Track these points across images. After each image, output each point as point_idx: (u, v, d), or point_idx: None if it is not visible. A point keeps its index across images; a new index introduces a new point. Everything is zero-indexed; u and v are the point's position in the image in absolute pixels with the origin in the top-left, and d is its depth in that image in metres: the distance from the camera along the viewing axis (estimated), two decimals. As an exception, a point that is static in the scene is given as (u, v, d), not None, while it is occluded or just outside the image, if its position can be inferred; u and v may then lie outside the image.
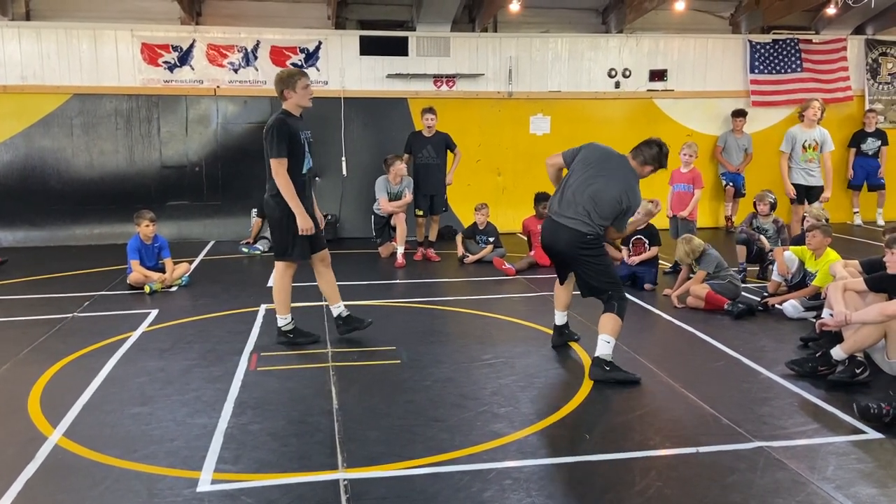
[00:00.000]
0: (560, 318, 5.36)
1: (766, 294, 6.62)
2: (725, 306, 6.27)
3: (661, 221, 7.78)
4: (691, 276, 6.80)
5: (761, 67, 11.47)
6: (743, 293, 6.66)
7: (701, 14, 11.70)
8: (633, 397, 4.38)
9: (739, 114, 11.16)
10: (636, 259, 7.37)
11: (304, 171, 5.21)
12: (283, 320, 5.37)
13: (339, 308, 5.50)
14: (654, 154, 4.98)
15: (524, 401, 4.28)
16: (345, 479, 3.31)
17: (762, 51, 11.46)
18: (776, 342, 5.46)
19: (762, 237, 7.56)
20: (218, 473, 3.37)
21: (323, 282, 5.52)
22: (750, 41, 11.46)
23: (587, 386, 4.52)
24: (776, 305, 6.30)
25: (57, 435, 3.76)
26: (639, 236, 7.50)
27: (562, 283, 5.29)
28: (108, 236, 9.87)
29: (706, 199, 11.36)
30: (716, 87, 11.50)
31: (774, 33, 11.60)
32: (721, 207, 11.64)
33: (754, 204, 7.79)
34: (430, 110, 8.70)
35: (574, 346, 5.37)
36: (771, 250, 7.49)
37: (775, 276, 6.70)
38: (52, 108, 9.83)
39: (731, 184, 11.23)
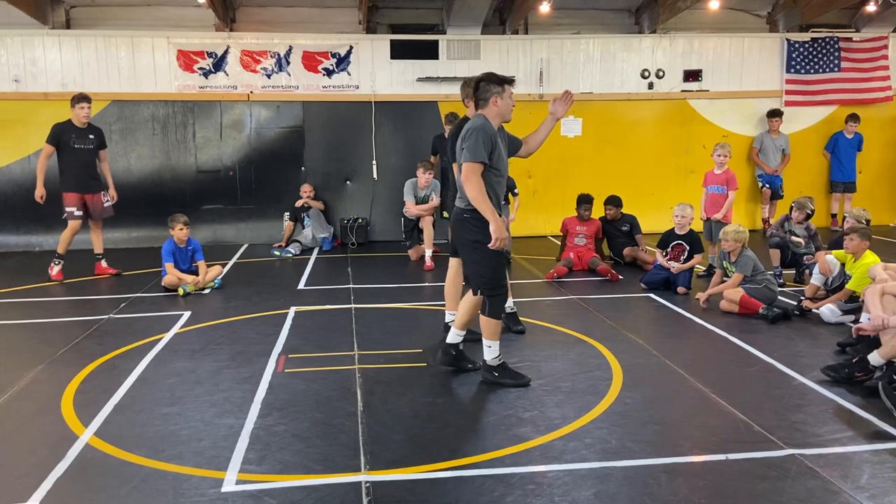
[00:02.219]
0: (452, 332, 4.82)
1: (802, 298, 6.45)
2: (760, 310, 6.14)
3: (694, 224, 7.65)
4: (725, 279, 6.68)
5: (798, 67, 11.22)
6: (779, 297, 6.52)
7: (737, 13, 11.50)
8: (662, 403, 4.30)
9: (775, 114, 10.94)
10: (677, 266, 7.23)
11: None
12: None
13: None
14: (472, 87, 4.54)
15: (549, 405, 4.23)
16: (367, 482, 3.31)
17: (801, 49, 11.21)
18: (812, 347, 5.33)
19: (794, 236, 7.38)
20: (242, 474, 3.40)
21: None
22: (788, 40, 11.23)
23: (615, 391, 4.46)
24: (813, 309, 6.14)
25: (88, 434, 3.83)
26: (679, 241, 7.37)
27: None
28: (146, 239, 10.06)
29: (742, 202, 11.18)
30: (752, 86, 11.30)
31: (813, 31, 11.34)
32: (757, 210, 11.42)
33: (791, 209, 7.61)
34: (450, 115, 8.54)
35: (602, 349, 5.29)
36: (805, 253, 7.32)
37: (814, 280, 6.54)
38: (91, 114, 10.03)
39: (767, 186, 11.01)
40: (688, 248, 7.33)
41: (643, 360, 5.06)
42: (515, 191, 8.76)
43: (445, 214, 8.65)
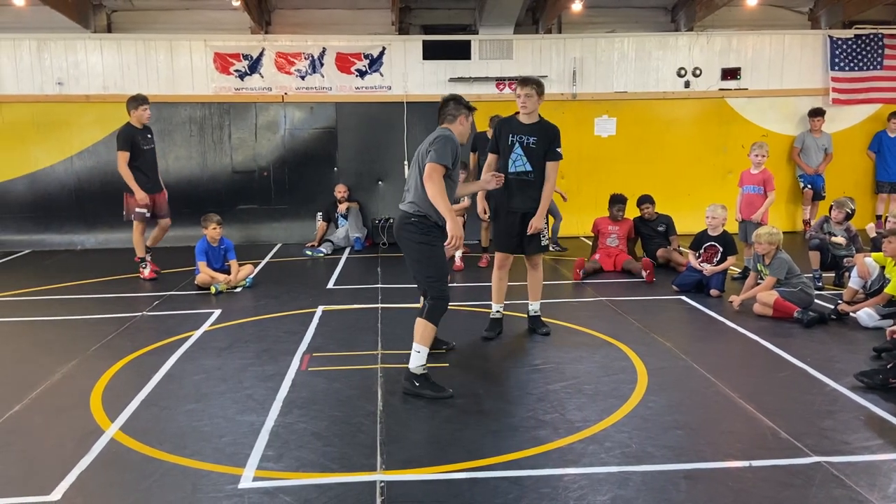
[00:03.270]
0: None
1: (839, 301, 6.27)
2: (795, 314, 5.98)
3: (730, 226, 7.49)
4: (760, 281, 6.52)
5: (842, 64, 10.91)
6: (816, 301, 6.35)
7: (777, 9, 11.24)
8: (686, 408, 4.22)
9: (817, 113, 10.65)
10: (710, 269, 7.08)
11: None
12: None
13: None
14: (450, 105, 4.78)
15: (571, 408, 4.18)
16: (381, 481, 3.32)
17: (844, 46, 10.90)
18: (847, 352, 5.16)
19: (835, 237, 7.17)
20: (260, 471, 3.43)
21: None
22: (830, 37, 10.92)
23: (638, 394, 4.38)
24: (850, 313, 5.96)
25: (114, 429, 3.91)
26: (712, 243, 7.22)
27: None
28: (182, 239, 10.24)
29: (782, 203, 10.93)
30: (793, 85, 11.03)
31: (856, 28, 11.01)
32: (798, 211, 11.13)
33: (830, 209, 7.40)
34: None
35: (629, 352, 5.21)
36: (846, 256, 7.11)
37: (852, 283, 6.35)
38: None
39: (809, 186, 10.73)
40: (721, 249, 7.18)
41: (670, 364, 4.97)
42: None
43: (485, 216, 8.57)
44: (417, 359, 4.43)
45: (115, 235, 10.38)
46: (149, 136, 8.09)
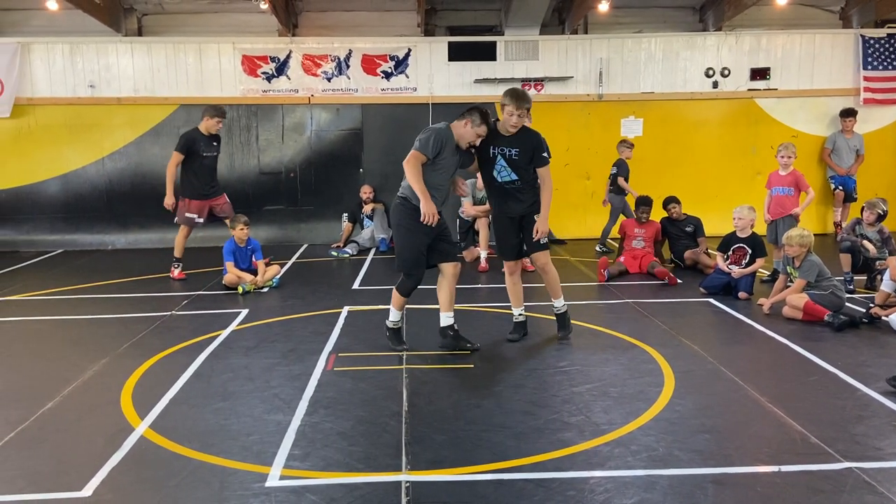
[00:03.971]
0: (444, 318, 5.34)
1: (871, 305, 6.15)
2: (825, 317, 5.88)
3: (759, 227, 7.39)
4: (789, 284, 6.43)
5: (874, 63, 10.72)
6: (848, 304, 6.24)
7: (807, 8, 11.09)
8: (714, 411, 4.17)
9: (848, 113, 10.48)
10: (738, 271, 7.00)
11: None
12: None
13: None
14: (471, 110, 5.10)
15: (596, 410, 4.16)
16: (407, 482, 3.33)
17: (876, 46, 10.71)
18: (879, 357, 5.07)
19: (866, 241, 7.04)
20: (287, 470, 3.46)
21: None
22: (862, 36, 10.74)
23: (665, 397, 4.35)
24: (882, 317, 5.85)
25: (143, 427, 3.97)
26: (740, 245, 7.14)
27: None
28: (210, 239, 10.35)
29: (812, 204, 10.65)
30: (824, 84, 10.87)
31: (889, 27, 10.81)
32: (829, 213, 10.96)
33: (861, 210, 7.27)
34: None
35: (655, 355, 5.17)
36: (878, 258, 6.97)
37: (884, 286, 6.23)
38: (160, 118, 10.48)
39: (840, 188, 10.56)
40: (750, 251, 7.09)
41: (697, 367, 4.92)
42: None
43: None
44: (390, 315, 5.32)
45: (146, 236, 10.57)
46: (214, 143, 8.12)
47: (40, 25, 10.45)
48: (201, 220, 8.09)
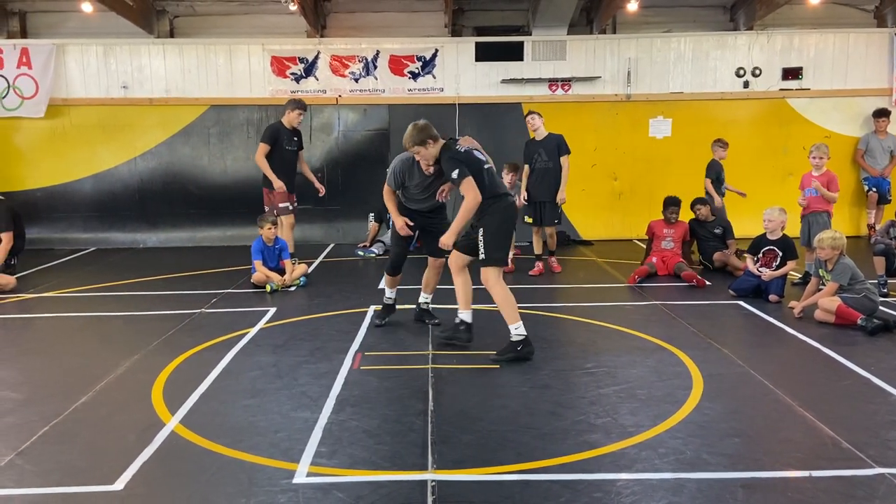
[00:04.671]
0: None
1: (906, 309, 6.04)
2: (858, 321, 5.77)
3: (792, 229, 7.28)
4: (821, 287, 6.32)
5: (911, 62, 10.51)
6: (881, 308, 6.12)
7: (841, 7, 10.91)
8: (744, 415, 4.12)
9: (882, 114, 10.29)
10: (769, 273, 6.90)
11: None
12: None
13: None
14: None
15: (623, 412, 4.13)
16: (433, 480, 3.34)
17: (912, 44, 10.49)
18: (914, 362, 4.97)
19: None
20: (314, 467, 3.49)
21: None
22: (898, 34, 10.54)
23: (694, 400, 4.30)
24: (918, 322, 5.73)
25: (174, 422, 4.04)
26: (771, 247, 7.04)
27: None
28: (239, 238, 10.50)
29: (845, 206, 10.57)
30: (858, 84, 10.68)
31: (926, 25, 10.60)
32: (862, 215, 10.76)
33: (896, 212, 7.14)
34: (528, 114, 8.27)
35: (684, 357, 5.12)
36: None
37: (920, 290, 6.11)
38: (191, 118, 10.63)
39: (874, 189, 10.37)
40: (780, 254, 6.99)
41: (726, 370, 4.86)
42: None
43: (529, 220, 8.43)
44: (385, 293, 6.14)
45: (176, 234, 10.73)
46: (295, 138, 8.22)
47: (75, 27, 10.67)
48: (292, 208, 8.13)
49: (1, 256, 7.76)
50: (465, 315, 5.42)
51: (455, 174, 5.15)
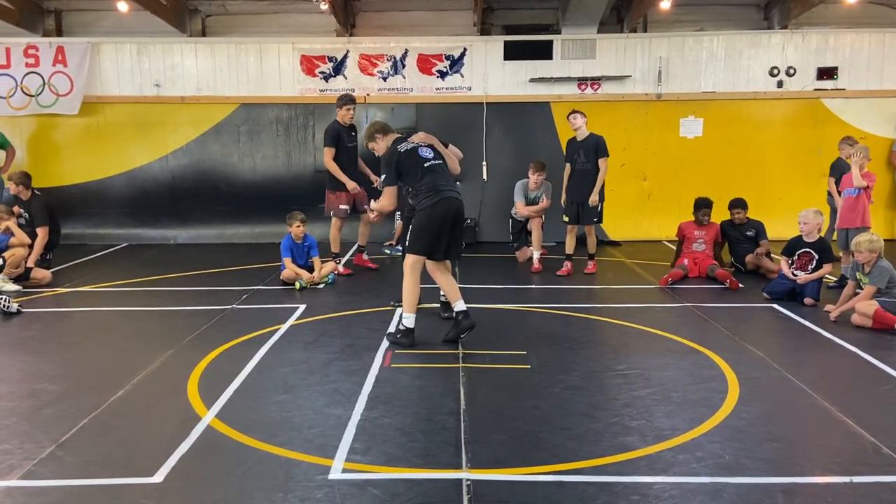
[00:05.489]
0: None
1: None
2: (896, 326, 5.67)
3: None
4: (858, 291, 6.21)
5: (950, 62, 10.27)
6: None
7: (877, 7, 10.71)
8: (782, 420, 4.06)
9: (919, 114, 10.06)
10: (804, 277, 6.79)
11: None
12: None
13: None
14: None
15: (658, 415, 4.09)
16: (468, 480, 3.33)
17: (952, 43, 10.25)
18: (957, 368, 4.86)
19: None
20: (349, 463, 3.51)
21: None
22: (937, 33, 10.31)
23: (730, 404, 4.25)
24: (959, 327, 5.60)
25: (210, 416, 4.07)
26: (807, 250, 6.92)
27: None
28: (266, 235, 10.58)
29: (881, 208, 10.37)
30: (893, 85, 10.48)
31: (966, 24, 10.36)
32: (898, 217, 10.55)
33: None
34: (570, 113, 8.24)
35: (718, 360, 5.06)
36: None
37: (960, 295, 5.97)
38: (221, 116, 10.73)
39: (910, 191, 10.14)
40: (816, 256, 6.87)
41: (763, 374, 4.79)
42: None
43: (566, 218, 8.39)
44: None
45: (206, 231, 10.84)
46: (353, 133, 8.31)
47: (109, 26, 10.82)
48: (348, 210, 8.24)
49: (37, 251, 7.90)
50: (458, 306, 5.49)
51: (381, 178, 5.67)
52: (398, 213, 10.39)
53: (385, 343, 5.48)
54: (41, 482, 3.35)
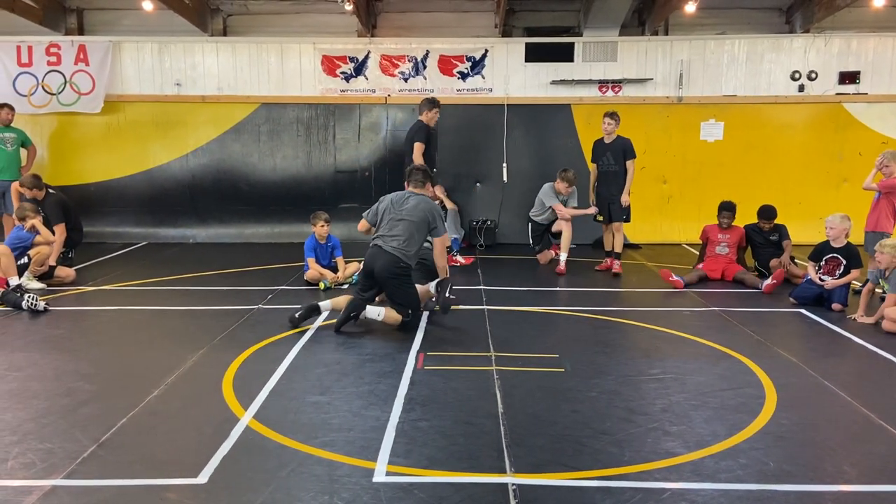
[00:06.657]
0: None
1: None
2: (928, 332, 5.63)
3: (856, 237, 7.10)
4: (883, 296, 6.17)
5: (975, 66, 10.20)
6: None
7: (902, 10, 10.61)
8: (823, 427, 4.04)
9: (943, 119, 9.99)
10: (831, 282, 6.75)
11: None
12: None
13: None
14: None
15: (698, 420, 4.07)
16: (514, 484, 3.32)
17: (977, 48, 10.18)
18: None
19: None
20: (391, 466, 3.49)
21: None
22: (962, 38, 10.24)
23: (769, 410, 4.22)
24: None
25: (248, 417, 4.07)
26: (834, 255, 6.88)
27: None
28: (287, 235, 10.59)
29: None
30: (918, 89, 10.39)
31: None
32: (921, 223, 10.46)
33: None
34: (607, 115, 8.28)
35: (751, 365, 5.03)
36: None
37: None
38: (242, 116, 10.74)
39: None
40: (844, 262, 6.83)
41: (798, 380, 4.77)
42: None
43: (600, 217, 8.49)
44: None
45: (225, 230, 10.85)
46: (436, 135, 8.44)
47: (131, 25, 10.83)
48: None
49: (56, 248, 7.91)
50: (431, 286, 6.24)
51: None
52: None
53: (416, 345, 5.47)
54: (85, 482, 3.35)
